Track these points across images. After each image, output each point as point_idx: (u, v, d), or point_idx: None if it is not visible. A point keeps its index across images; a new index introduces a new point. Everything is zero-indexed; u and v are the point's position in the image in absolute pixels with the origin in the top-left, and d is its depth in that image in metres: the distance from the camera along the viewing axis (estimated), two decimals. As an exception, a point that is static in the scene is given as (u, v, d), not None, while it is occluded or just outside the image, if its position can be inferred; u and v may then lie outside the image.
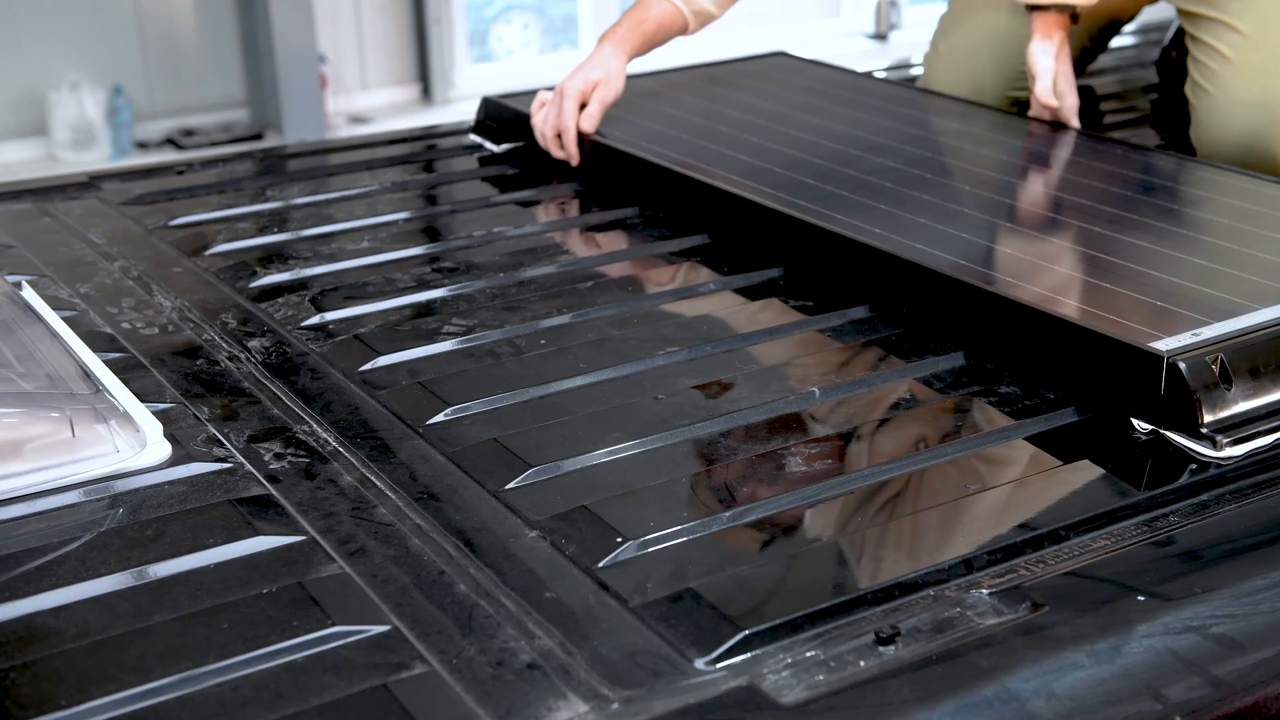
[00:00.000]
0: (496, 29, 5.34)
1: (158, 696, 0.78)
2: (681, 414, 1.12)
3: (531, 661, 0.81)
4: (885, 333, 1.28)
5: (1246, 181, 1.55)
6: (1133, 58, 2.45)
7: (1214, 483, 1.03)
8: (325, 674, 0.80)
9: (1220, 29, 1.81)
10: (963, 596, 0.87)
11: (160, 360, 1.22)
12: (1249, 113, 1.77)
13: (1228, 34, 1.80)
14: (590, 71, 1.75)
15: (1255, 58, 1.78)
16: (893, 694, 0.79)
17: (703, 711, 0.77)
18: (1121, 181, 1.57)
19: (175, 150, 4.36)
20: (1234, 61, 1.79)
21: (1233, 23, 1.80)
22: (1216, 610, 0.87)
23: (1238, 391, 1.09)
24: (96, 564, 0.90)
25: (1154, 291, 1.24)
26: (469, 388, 1.16)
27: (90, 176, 1.77)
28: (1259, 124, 1.77)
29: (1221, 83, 1.80)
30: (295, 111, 4.41)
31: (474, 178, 1.80)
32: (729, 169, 1.62)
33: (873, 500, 1.01)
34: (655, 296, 1.38)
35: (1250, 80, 1.78)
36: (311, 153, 1.93)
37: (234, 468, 1.03)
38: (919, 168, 1.63)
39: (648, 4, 1.82)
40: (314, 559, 0.92)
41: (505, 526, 0.96)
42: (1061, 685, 0.80)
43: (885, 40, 5.64)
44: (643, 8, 1.82)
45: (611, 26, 1.81)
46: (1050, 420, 1.11)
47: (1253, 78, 1.77)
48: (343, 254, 1.50)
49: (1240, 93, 1.78)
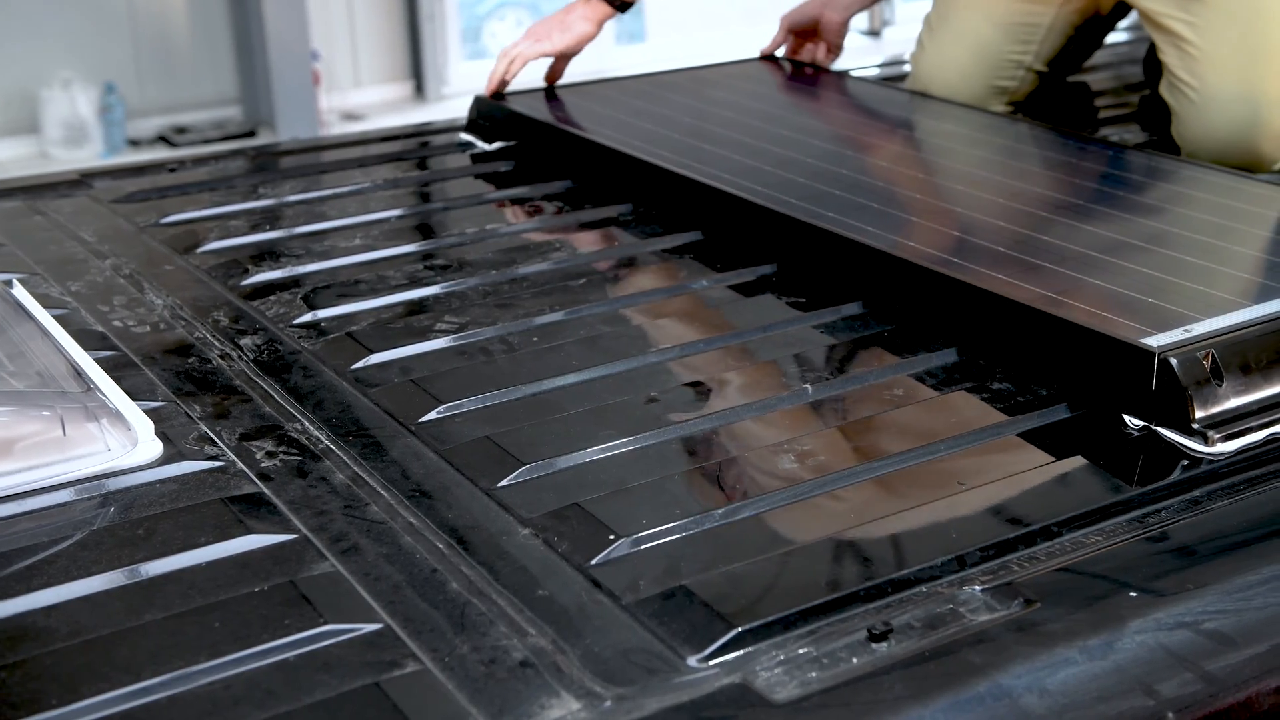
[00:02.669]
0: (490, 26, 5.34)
1: (149, 695, 0.78)
2: (674, 411, 1.12)
3: (524, 659, 0.81)
4: (878, 329, 1.28)
5: (1234, 180, 1.56)
6: (1126, 54, 2.46)
7: (1206, 479, 1.03)
8: (317, 672, 0.80)
9: (1180, 26, 1.81)
10: (955, 593, 0.87)
11: (152, 358, 1.22)
12: (1229, 110, 1.77)
13: (1188, 30, 1.80)
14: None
15: (1225, 52, 1.78)
16: (885, 691, 0.79)
17: (695, 709, 0.77)
18: (1110, 180, 1.57)
19: (168, 148, 4.35)
20: (1203, 60, 1.79)
21: (1191, 19, 1.80)
22: (1209, 606, 0.87)
23: (1229, 387, 1.09)
24: (87, 563, 0.90)
25: (1145, 288, 1.24)
26: (461, 385, 1.16)
27: (81, 174, 1.76)
28: (1241, 121, 1.77)
29: (1196, 82, 1.80)
30: (288, 109, 4.41)
31: (467, 175, 1.80)
32: (721, 167, 1.62)
33: (865, 496, 1.01)
34: (648, 294, 1.38)
35: (1226, 77, 1.78)
36: (304, 150, 1.93)
37: (225, 466, 1.03)
38: (910, 167, 1.63)
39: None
40: (306, 557, 0.91)
41: (497, 524, 0.96)
42: (1054, 681, 0.80)
43: (879, 36, 5.65)
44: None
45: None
46: (1043, 416, 1.11)
47: (1229, 74, 1.77)
48: (335, 252, 1.49)
49: (1218, 90, 1.78)
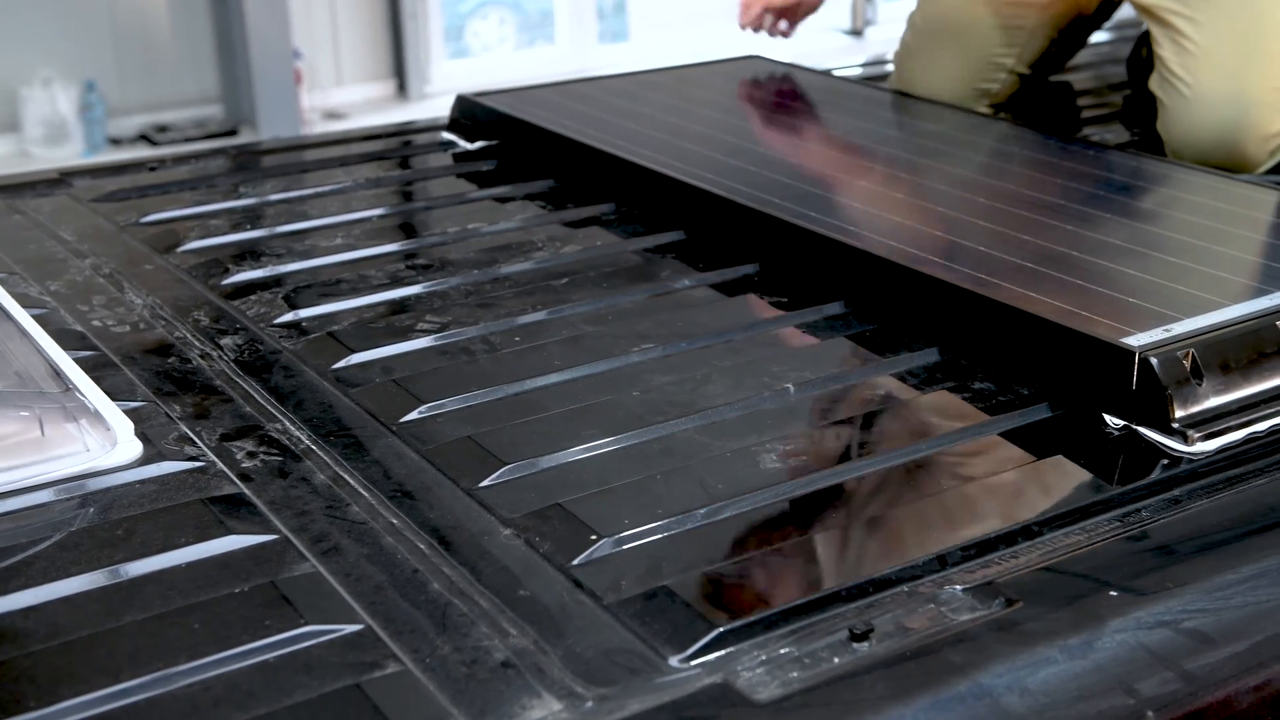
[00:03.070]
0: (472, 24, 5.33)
1: (128, 697, 0.77)
2: (656, 411, 1.12)
3: (505, 660, 0.81)
4: (860, 329, 1.28)
5: (1215, 180, 1.56)
6: (1108, 54, 2.46)
7: (1186, 478, 1.03)
8: (298, 673, 0.79)
9: (1181, 21, 1.81)
10: (936, 592, 0.87)
11: (131, 358, 1.21)
12: (1219, 109, 1.78)
13: (1189, 27, 1.80)
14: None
15: (1222, 51, 1.78)
16: (866, 690, 0.79)
17: (677, 709, 0.77)
18: (1092, 181, 1.57)
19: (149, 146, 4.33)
20: (1200, 56, 1.79)
21: (1193, 15, 1.80)
22: (1188, 605, 0.88)
23: (1209, 387, 1.10)
24: (66, 564, 0.90)
25: (1125, 288, 1.24)
26: (443, 385, 1.16)
27: (61, 173, 1.75)
28: (1229, 120, 1.77)
29: (1190, 78, 1.80)
30: (270, 107, 4.40)
31: (449, 174, 1.80)
32: (704, 166, 1.62)
33: (847, 496, 1.01)
34: (630, 293, 1.38)
35: (1220, 76, 1.78)
36: (285, 149, 1.92)
37: (206, 466, 1.03)
38: (892, 167, 1.63)
39: None
40: (286, 558, 0.91)
41: (479, 524, 0.96)
42: (1034, 681, 0.80)
43: (861, 36, 5.66)
44: None
45: None
46: (1024, 416, 1.12)
47: (1223, 73, 1.78)
48: (316, 251, 1.49)
49: (1210, 88, 1.79)
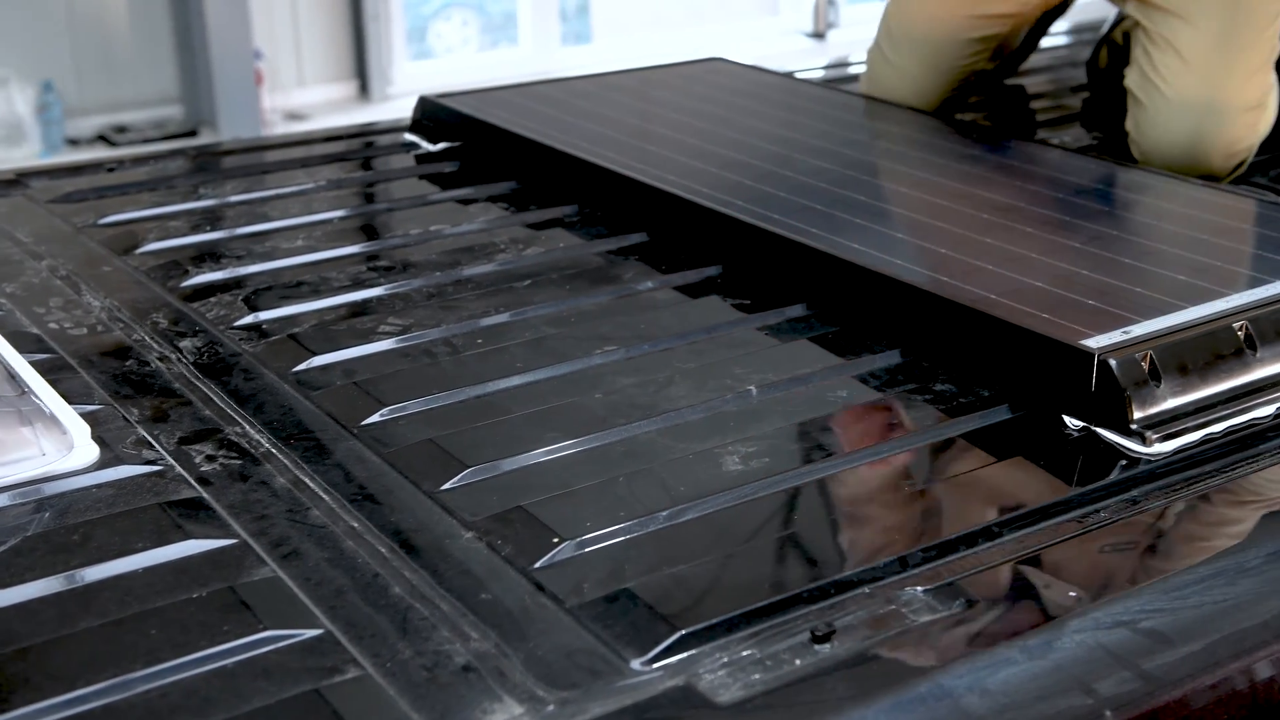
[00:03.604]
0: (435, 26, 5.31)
1: (84, 704, 0.76)
2: (619, 413, 1.11)
3: (467, 664, 0.81)
4: (822, 331, 1.29)
5: (1174, 184, 1.58)
6: (1065, 57, 2.48)
7: (1144, 479, 1.04)
8: (256, 679, 0.79)
9: (1178, 24, 1.79)
10: (897, 594, 0.88)
11: (89, 361, 1.20)
12: (1196, 115, 1.78)
13: (1186, 30, 1.79)
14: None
15: (1212, 59, 1.78)
16: (828, 691, 0.79)
17: (639, 712, 0.77)
18: (1053, 184, 1.59)
19: (107, 147, 4.29)
20: (1189, 61, 1.78)
21: (1189, 18, 1.78)
22: (1146, 605, 0.89)
23: (1167, 388, 1.11)
24: (21, 569, 0.89)
25: (1085, 290, 1.25)
26: (405, 388, 1.15)
27: (17, 174, 1.73)
28: (1203, 126, 1.78)
29: (1175, 80, 1.79)
30: (230, 108, 4.37)
31: (411, 176, 1.79)
32: (667, 168, 1.62)
33: (809, 498, 1.01)
34: (593, 295, 1.38)
35: (1204, 84, 1.78)
36: (246, 150, 1.91)
37: (164, 470, 1.02)
38: (855, 170, 1.64)
39: None
40: (245, 562, 0.90)
41: (441, 527, 0.95)
42: (994, 681, 0.81)
43: (823, 39, 5.68)
44: None
45: None
46: (984, 418, 1.12)
47: (1207, 81, 1.78)
48: (277, 253, 1.48)
49: (1193, 94, 1.78)
